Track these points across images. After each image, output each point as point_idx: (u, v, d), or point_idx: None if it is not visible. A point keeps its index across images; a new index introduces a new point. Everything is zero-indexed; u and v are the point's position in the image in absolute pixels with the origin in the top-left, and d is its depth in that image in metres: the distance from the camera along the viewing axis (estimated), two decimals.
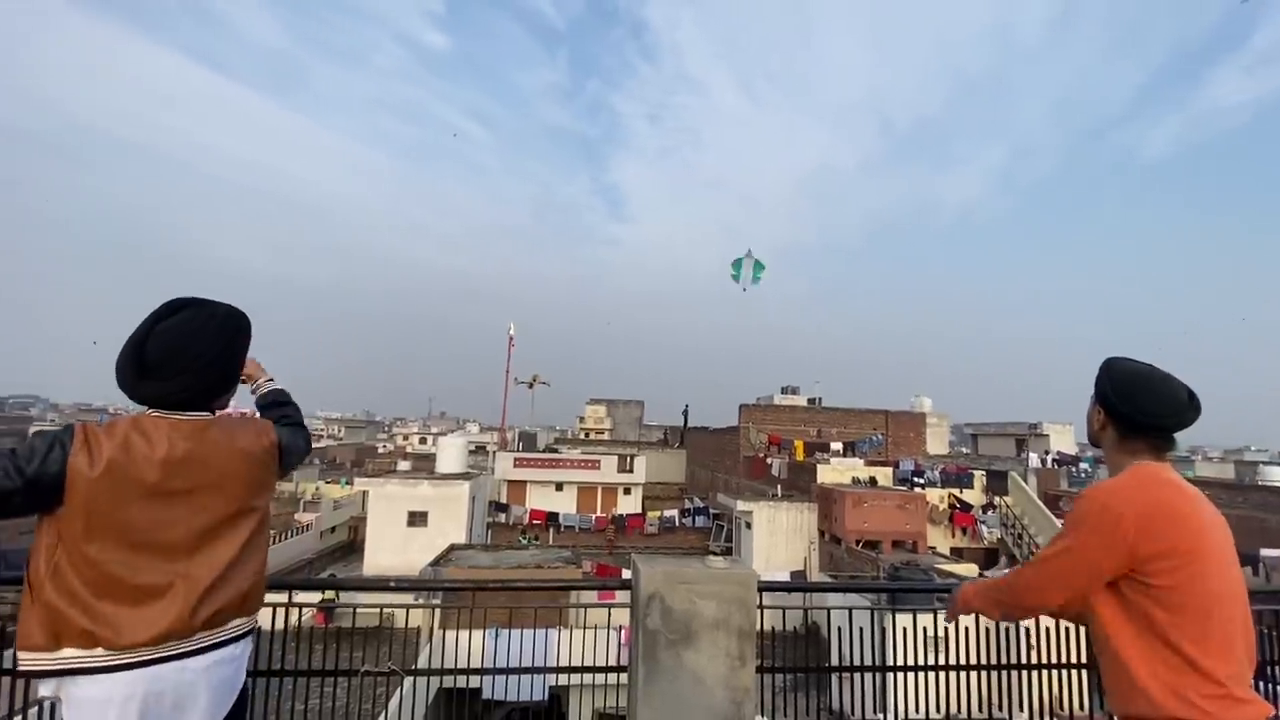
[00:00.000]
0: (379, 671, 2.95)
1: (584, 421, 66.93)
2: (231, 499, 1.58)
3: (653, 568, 2.70)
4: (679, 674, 2.61)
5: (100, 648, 1.41)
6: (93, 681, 1.41)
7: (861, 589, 6.52)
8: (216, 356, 1.61)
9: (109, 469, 1.44)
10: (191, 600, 1.49)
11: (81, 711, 1.41)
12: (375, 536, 23.02)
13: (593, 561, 20.90)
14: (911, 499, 22.49)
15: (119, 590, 1.44)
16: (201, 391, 1.60)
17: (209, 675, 1.53)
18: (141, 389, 1.55)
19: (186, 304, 1.63)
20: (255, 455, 1.65)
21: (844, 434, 34.43)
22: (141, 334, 1.56)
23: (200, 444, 1.55)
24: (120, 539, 1.45)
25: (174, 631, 1.47)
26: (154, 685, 1.45)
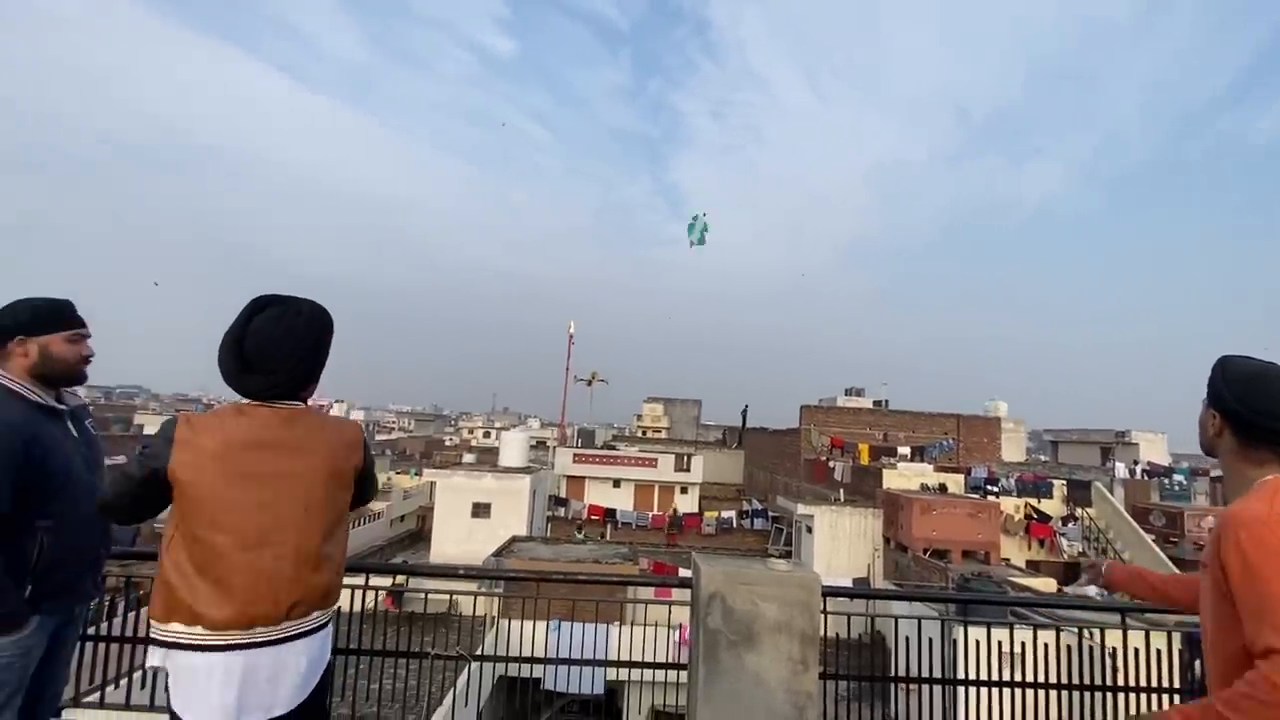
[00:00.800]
0: (447, 655, 3.07)
1: (641, 419, 67.24)
2: (318, 487, 1.68)
3: (714, 567, 2.69)
4: (740, 675, 2.59)
5: (200, 626, 1.53)
6: (194, 654, 1.54)
7: (930, 598, 6.27)
8: (306, 352, 1.74)
9: (208, 454, 1.58)
10: (280, 587, 1.58)
11: (185, 679, 1.54)
12: (441, 526, 23.92)
13: (650, 559, 21.00)
14: (984, 508, 21.42)
15: (215, 571, 1.55)
16: (293, 384, 1.72)
17: (298, 659, 1.63)
18: (243, 382, 1.68)
19: (272, 301, 1.75)
20: (340, 448, 1.74)
21: (912, 438, 33.16)
22: (238, 331, 1.69)
23: (290, 432, 1.68)
24: (216, 521, 1.57)
25: (262, 617, 1.56)
26: (245, 665, 1.55)
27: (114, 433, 37.98)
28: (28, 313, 1.99)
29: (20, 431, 1.85)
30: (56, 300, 2.06)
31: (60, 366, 2.03)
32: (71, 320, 2.06)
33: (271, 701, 1.59)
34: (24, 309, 1.99)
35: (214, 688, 1.52)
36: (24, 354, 1.97)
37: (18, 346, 1.96)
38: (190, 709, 1.54)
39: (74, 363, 2.06)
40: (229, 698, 1.53)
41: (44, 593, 1.92)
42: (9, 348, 1.95)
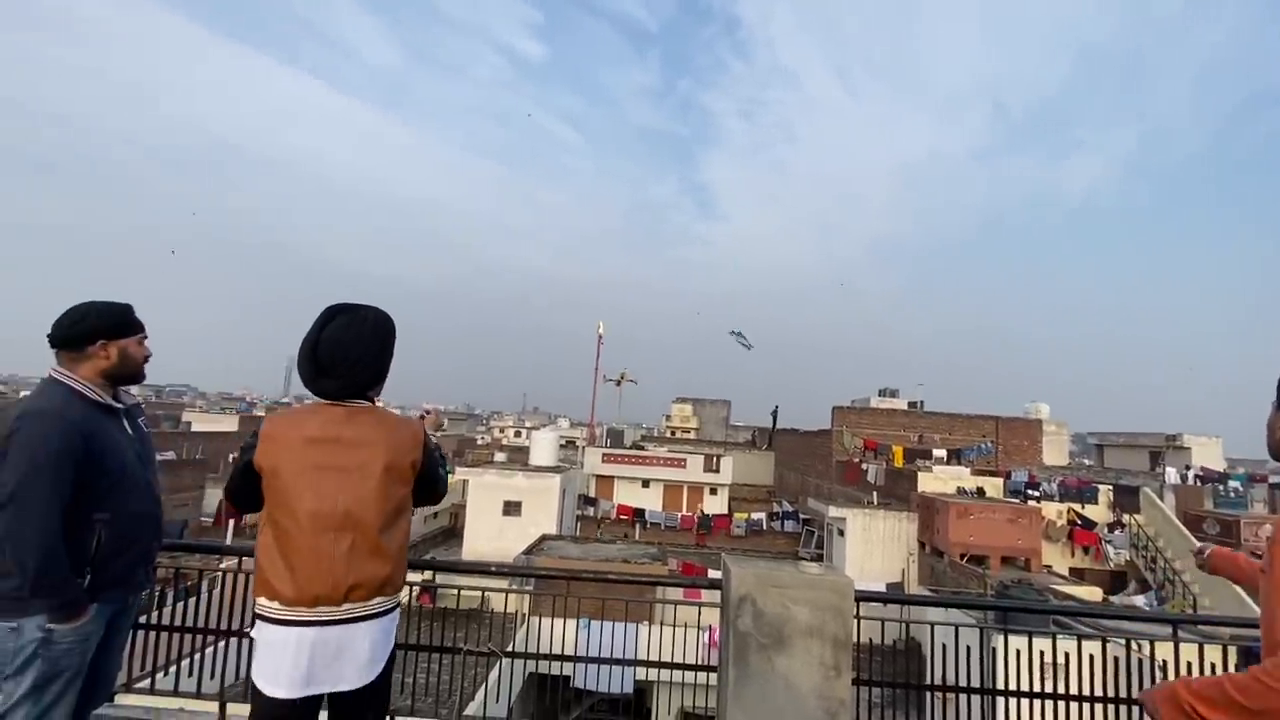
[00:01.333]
0: (480, 651, 3.12)
1: (670, 420, 67.10)
2: (376, 478, 1.83)
3: (744, 569, 2.67)
4: (771, 679, 2.57)
5: (278, 601, 1.75)
6: (271, 628, 1.75)
7: (969, 605, 6.10)
8: (372, 358, 1.94)
9: (284, 446, 1.82)
10: (338, 570, 1.76)
11: (265, 648, 1.76)
12: (473, 523, 24.26)
13: (679, 559, 20.95)
14: (1025, 512, 20.77)
15: (287, 552, 1.76)
16: (360, 385, 1.93)
17: (361, 639, 1.80)
18: (318, 385, 1.90)
19: (342, 310, 1.96)
20: (402, 442, 1.91)
21: (948, 441, 32.35)
22: (313, 339, 1.91)
23: (354, 428, 1.86)
24: (288, 507, 1.78)
25: (324, 597, 1.75)
26: (313, 640, 1.74)
27: (164, 429, 39.50)
28: (110, 318, 2.11)
29: (81, 429, 1.95)
30: (126, 305, 2.16)
31: (133, 368, 2.17)
32: (139, 324, 2.19)
33: (338, 676, 1.77)
34: (107, 314, 2.11)
35: (287, 658, 1.73)
36: (105, 356, 2.09)
37: (100, 349, 2.08)
38: (265, 674, 1.74)
39: (141, 364, 2.20)
40: (299, 668, 1.72)
41: (101, 583, 2.02)
42: (89, 350, 2.06)
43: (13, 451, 1.86)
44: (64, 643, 1.95)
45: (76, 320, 2.05)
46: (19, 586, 1.87)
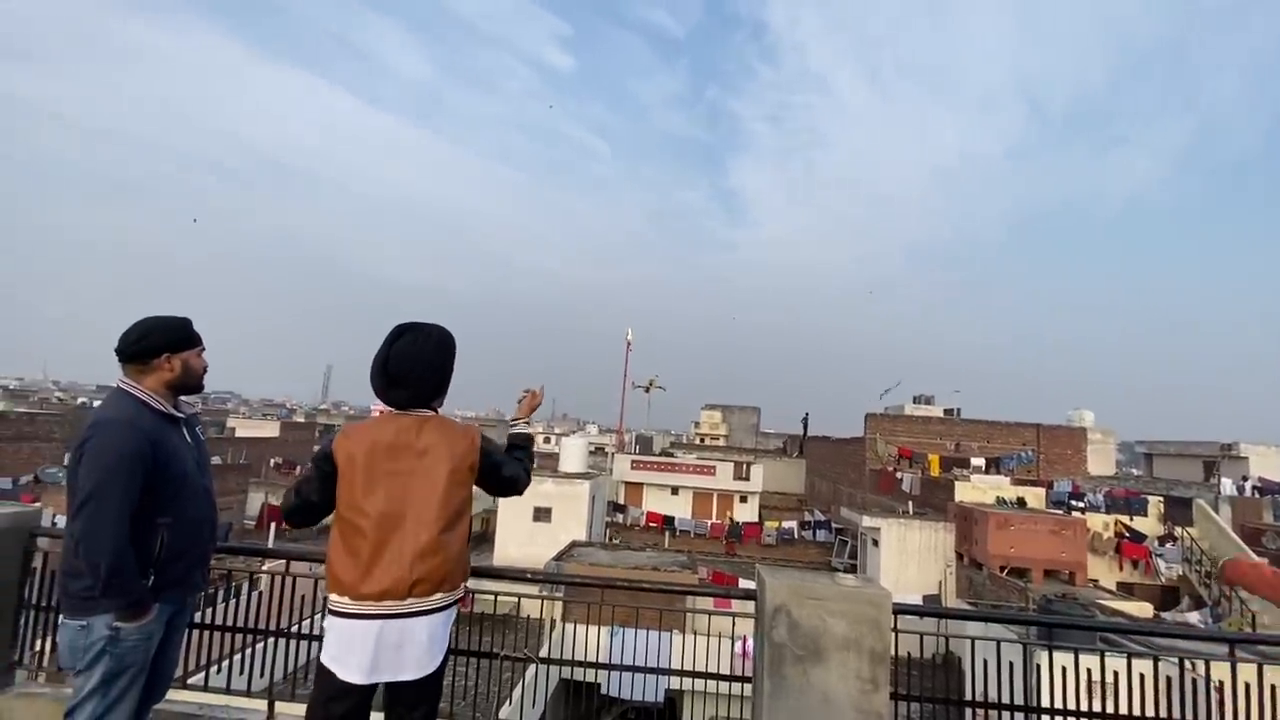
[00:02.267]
0: (515, 656, 3.16)
1: (699, 426, 66.78)
2: (438, 482, 1.99)
3: (779, 579, 2.66)
4: (806, 691, 2.55)
5: (347, 595, 1.90)
6: (341, 621, 1.91)
7: (1012, 620, 5.91)
8: (434, 371, 2.13)
9: (359, 448, 1.98)
10: (404, 567, 1.90)
11: (334, 638, 1.91)
12: (504, 529, 24.49)
13: (709, 568, 20.79)
14: (1068, 524, 20.06)
15: (357, 550, 1.91)
16: (426, 396, 2.11)
17: (422, 631, 1.94)
18: (389, 396, 2.08)
19: (409, 329, 2.14)
20: (461, 447, 2.08)
21: (986, 449, 31.48)
22: (383, 355, 2.10)
23: (420, 436, 2.03)
24: (362, 509, 1.93)
25: (390, 591, 1.89)
26: (379, 633, 1.88)
27: (210, 435, 40.85)
28: (175, 332, 2.25)
29: (149, 437, 2.07)
30: (185, 320, 2.29)
31: (194, 379, 2.31)
32: (197, 337, 2.32)
33: (398, 667, 1.92)
34: (171, 329, 2.24)
35: (355, 647, 1.87)
36: (169, 369, 2.23)
37: (165, 363, 2.22)
38: (334, 659, 1.90)
39: (201, 375, 2.33)
40: (365, 657, 1.87)
41: (163, 583, 2.13)
42: (155, 363, 2.19)
43: (87, 458, 1.98)
44: (130, 640, 2.06)
45: (143, 335, 2.18)
46: (90, 586, 1.98)
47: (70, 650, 2.05)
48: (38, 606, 2.92)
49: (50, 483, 21.51)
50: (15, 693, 2.82)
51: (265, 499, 27.97)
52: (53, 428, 25.95)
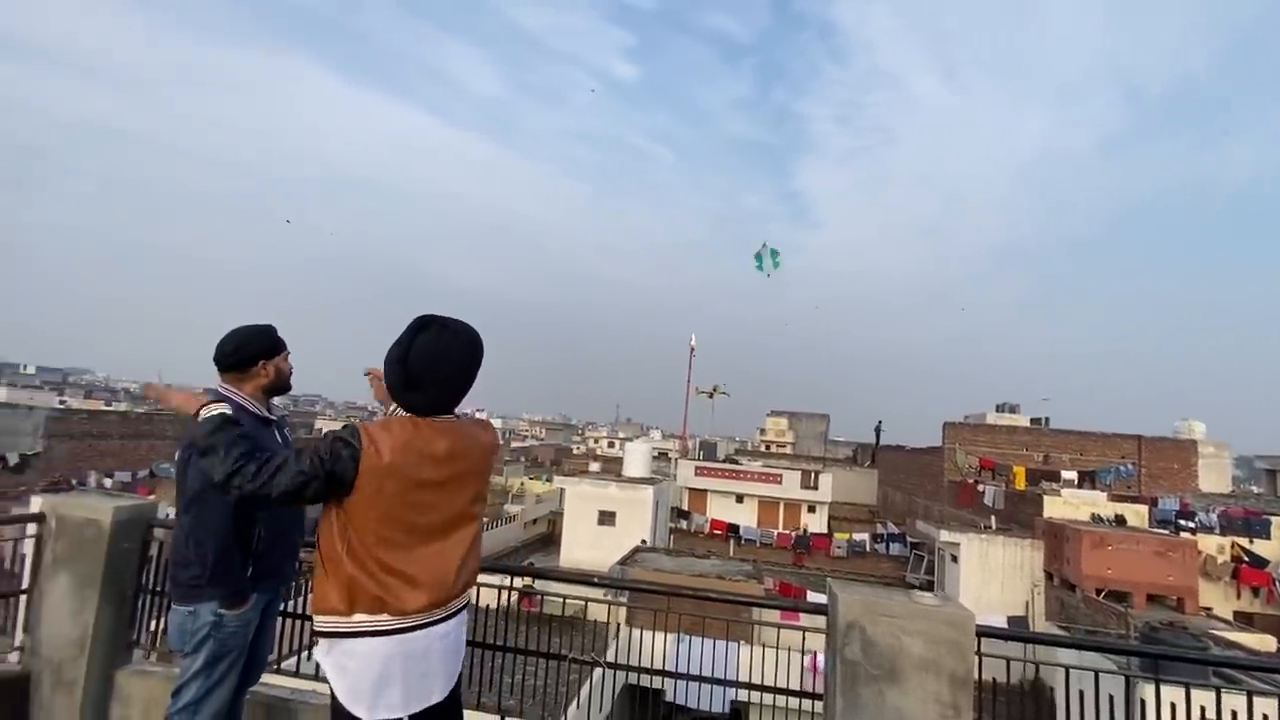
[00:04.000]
0: (583, 660, 3.19)
1: (764, 433, 65.59)
2: (474, 488, 1.93)
3: (851, 594, 2.57)
4: (881, 713, 2.44)
5: (386, 613, 1.72)
6: (374, 641, 1.72)
7: (1111, 649, 5.44)
8: (461, 374, 1.90)
9: (393, 462, 1.75)
10: (447, 576, 1.83)
11: (356, 661, 1.72)
12: (570, 531, 24.86)
13: (775, 579, 20.34)
14: (1176, 545, 18.36)
15: (401, 566, 1.76)
16: (449, 400, 1.90)
17: (445, 639, 1.85)
18: (406, 399, 1.85)
19: (429, 323, 1.88)
20: (490, 450, 2.02)
21: (1079, 462, 29.28)
22: (401, 353, 1.83)
23: (456, 441, 1.87)
24: (400, 521, 1.77)
25: (437, 601, 1.80)
26: (415, 645, 1.77)
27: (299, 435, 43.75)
28: (266, 340, 2.42)
29: (250, 438, 2.23)
30: (270, 326, 2.47)
31: (285, 381, 2.48)
32: (283, 342, 2.49)
33: (432, 680, 1.81)
34: (263, 338, 2.42)
35: (394, 667, 1.73)
36: (265, 374, 2.41)
37: (261, 369, 2.40)
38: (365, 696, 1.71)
39: (289, 376, 2.51)
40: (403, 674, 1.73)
41: (260, 574, 2.30)
42: (252, 370, 2.37)
43: (196, 458, 2.17)
44: (231, 626, 2.23)
45: (239, 346, 2.36)
46: (198, 576, 2.17)
47: (179, 634, 2.24)
48: (153, 591, 3.20)
49: (164, 477, 23.63)
50: (132, 670, 3.10)
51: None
52: (166, 427, 28.47)
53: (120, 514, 3.09)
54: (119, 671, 3.08)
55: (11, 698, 2.95)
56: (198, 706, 2.22)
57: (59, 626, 3.00)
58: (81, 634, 2.98)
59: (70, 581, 3.02)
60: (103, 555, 3.02)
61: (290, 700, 2.94)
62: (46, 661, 2.99)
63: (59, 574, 3.04)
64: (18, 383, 53.51)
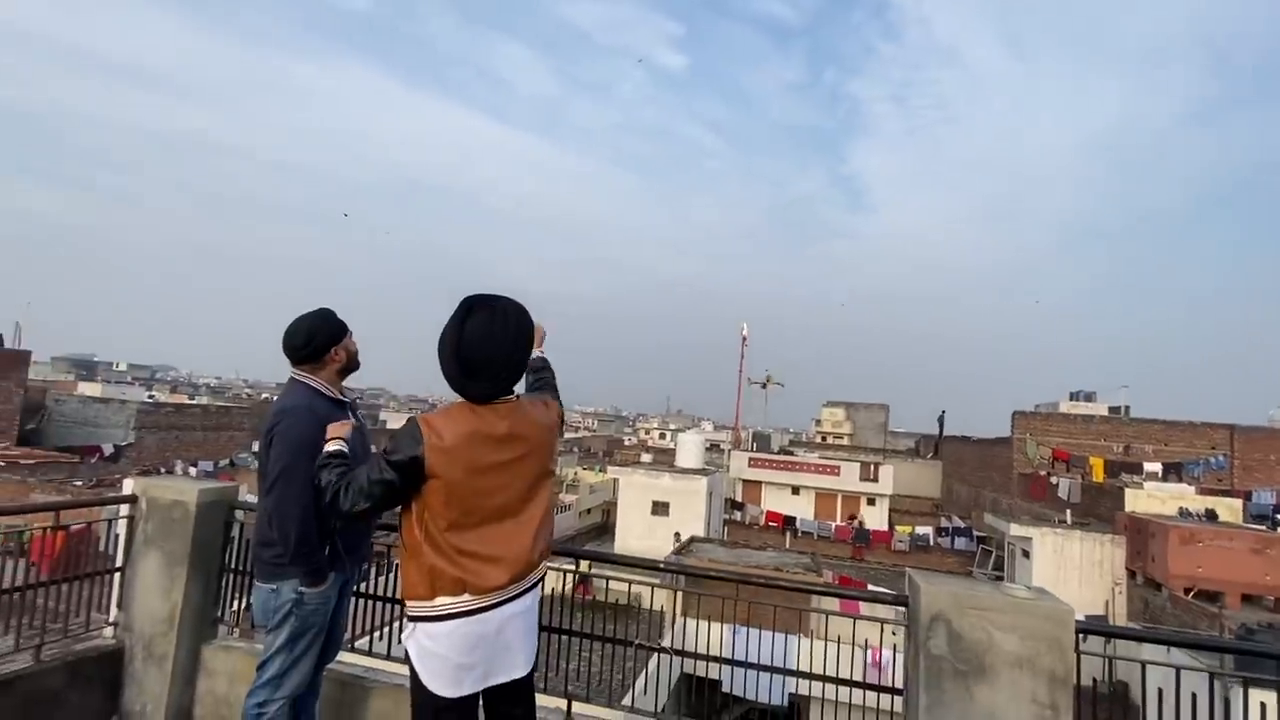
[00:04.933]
0: (648, 645, 3.13)
1: (820, 424, 64.23)
2: (539, 465, 1.95)
3: (936, 585, 2.41)
4: (969, 710, 2.29)
5: (467, 594, 1.78)
6: (455, 624, 1.77)
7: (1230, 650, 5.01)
8: (516, 357, 1.91)
9: (456, 449, 1.78)
10: (524, 552, 1.86)
11: (439, 643, 1.77)
12: (624, 520, 25.04)
13: (834, 572, 19.92)
14: (1275, 541, 16.93)
15: (478, 547, 1.81)
16: (507, 383, 1.92)
17: (525, 614, 1.89)
18: (467, 389, 1.86)
19: (476, 304, 1.88)
20: (552, 428, 2.04)
21: (1164, 453, 27.40)
22: (454, 341, 1.83)
23: (517, 423, 1.91)
24: (470, 505, 1.81)
25: (515, 577, 1.84)
26: (493, 622, 1.81)
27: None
28: (334, 325, 2.47)
29: (324, 421, 2.29)
30: (329, 310, 2.51)
31: (354, 361, 2.53)
32: (345, 324, 2.52)
33: (510, 656, 1.86)
34: (329, 324, 2.46)
35: (478, 646, 1.78)
36: (337, 359, 2.47)
37: (333, 355, 2.45)
38: (448, 677, 1.77)
39: (357, 355, 2.55)
40: (483, 653, 1.79)
41: (337, 554, 2.34)
42: (325, 358, 2.42)
43: (277, 441, 2.23)
44: (312, 604, 2.28)
45: (311, 337, 2.40)
46: (280, 555, 2.22)
47: (263, 610, 2.31)
48: (235, 570, 3.34)
49: (242, 466, 25.07)
50: (218, 645, 3.25)
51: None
52: (243, 419, 30.21)
53: (205, 496, 3.23)
54: (205, 646, 3.23)
55: (107, 670, 3.13)
56: (280, 680, 2.28)
57: (150, 603, 3.17)
58: (171, 610, 3.13)
59: (160, 560, 3.18)
60: (189, 535, 3.16)
61: (364, 678, 3.01)
62: (139, 636, 3.16)
63: (150, 553, 3.20)
64: (111, 379, 57.95)
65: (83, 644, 3.15)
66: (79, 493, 16.67)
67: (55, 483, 17.58)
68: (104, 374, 76.72)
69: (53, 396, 28.58)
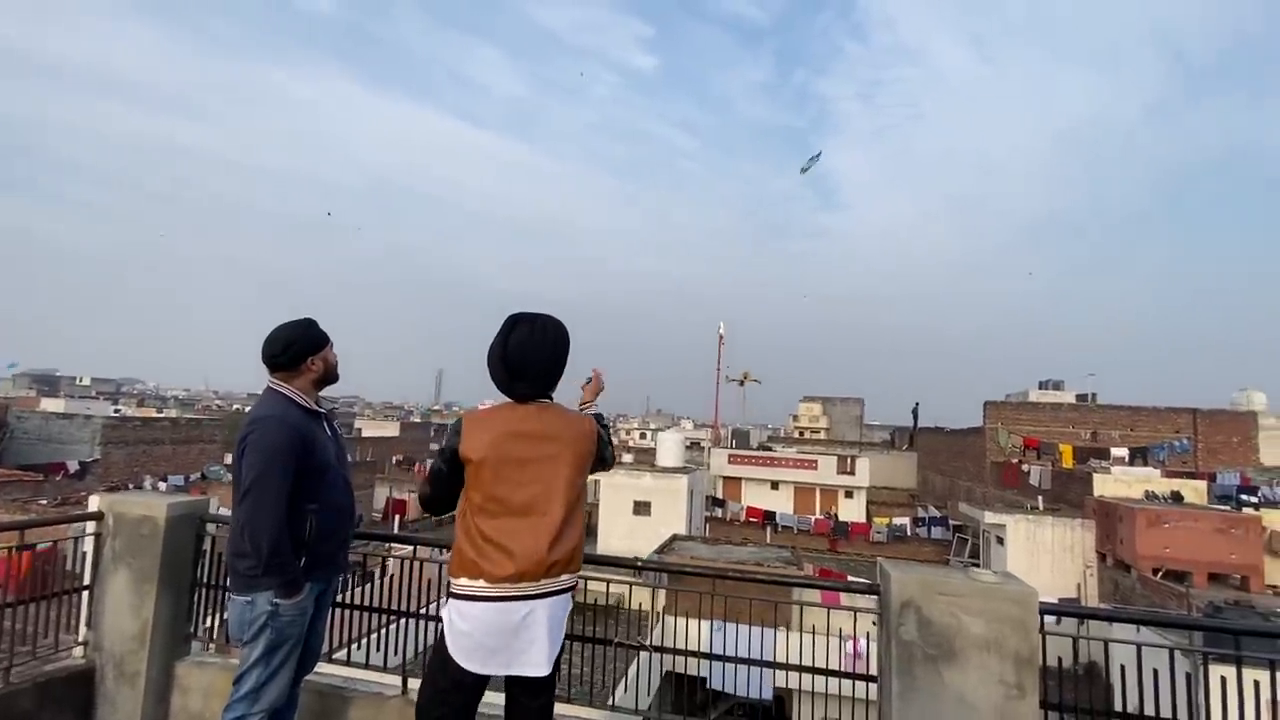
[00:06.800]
0: (630, 644, 3.16)
1: (797, 419, 64.92)
2: (563, 467, 2.04)
3: (906, 573, 2.48)
4: (940, 694, 2.36)
5: (482, 579, 1.92)
6: (474, 605, 1.92)
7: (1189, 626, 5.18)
8: (553, 363, 2.14)
9: (491, 439, 2.00)
10: (537, 551, 1.94)
11: (463, 621, 1.93)
12: (606, 522, 25.01)
13: (814, 565, 20.17)
14: (1239, 521, 17.58)
15: (494, 535, 1.94)
16: (545, 386, 2.14)
17: (548, 614, 1.97)
18: (513, 389, 2.10)
19: (522, 320, 2.14)
20: (581, 435, 2.13)
21: (1130, 438, 28.26)
22: (500, 349, 2.10)
23: (546, 424, 2.08)
24: (496, 496, 1.97)
25: (528, 572, 1.92)
26: (512, 614, 1.92)
27: None
28: (314, 335, 2.46)
29: (299, 431, 2.27)
30: (311, 320, 2.49)
31: (333, 373, 2.53)
32: (327, 335, 2.51)
33: (529, 651, 1.95)
34: (309, 334, 2.45)
35: (486, 633, 1.91)
36: (313, 369, 2.45)
37: (310, 365, 2.44)
38: (462, 651, 1.92)
39: (336, 367, 2.54)
40: (494, 643, 1.92)
41: (313, 564, 2.32)
42: (302, 366, 2.41)
43: (249, 451, 2.21)
44: (288, 615, 2.26)
45: (289, 345, 2.38)
46: (254, 566, 2.20)
47: (238, 623, 2.28)
48: (207, 585, 3.28)
49: (214, 479, 24.51)
50: (191, 661, 3.18)
51: (390, 493, 30.32)
52: (214, 431, 29.53)
53: (174, 510, 3.17)
54: (178, 663, 3.17)
55: (78, 690, 3.06)
56: (257, 694, 2.26)
57: (120, 621, 3.10)
58: (142, 628, 3.07)
59: (129, 577, 3.11)
60: (159, 551, 3.10)
61: (343, 688, 2.98)
62: (109, 655, 3.09)
63: (118, 570, 3.13)
64: (74, 394, 56.14)
65: (52, 665, 3.07)
66: (44, 511, 16.16)
67: (19, 502, 17.02)
68: (67, 389, 74.26)
69: (14, 414, 27.64)
